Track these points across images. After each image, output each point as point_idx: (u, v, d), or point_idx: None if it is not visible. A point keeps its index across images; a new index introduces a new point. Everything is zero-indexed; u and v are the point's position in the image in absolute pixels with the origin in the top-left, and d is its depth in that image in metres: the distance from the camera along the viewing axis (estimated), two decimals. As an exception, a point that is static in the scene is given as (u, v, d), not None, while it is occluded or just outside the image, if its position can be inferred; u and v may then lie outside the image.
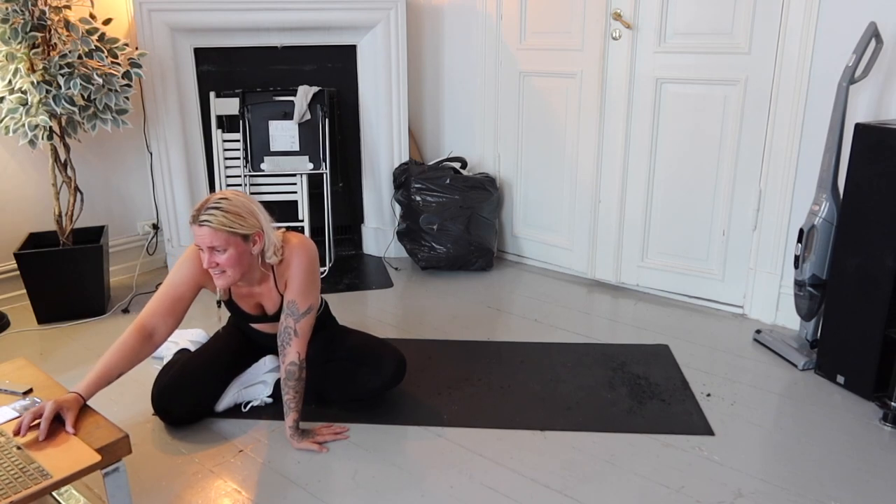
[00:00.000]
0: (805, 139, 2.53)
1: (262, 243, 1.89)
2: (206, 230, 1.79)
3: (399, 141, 3.49)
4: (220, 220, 1.79)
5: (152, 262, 3.42)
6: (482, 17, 3.38)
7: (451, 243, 3.28)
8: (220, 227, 1.79)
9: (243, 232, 1.83)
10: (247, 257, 1.87)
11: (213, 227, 1.79)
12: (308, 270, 1.96)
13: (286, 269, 1.96)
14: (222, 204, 1.81)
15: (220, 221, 1.79)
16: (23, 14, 2.50)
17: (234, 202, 1.83)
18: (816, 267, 2.35)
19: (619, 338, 2.66)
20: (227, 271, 1.85)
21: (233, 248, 1.82)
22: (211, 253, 1.82)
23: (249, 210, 1.86)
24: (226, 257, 1.82)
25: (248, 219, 1.84)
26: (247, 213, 1.84)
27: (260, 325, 2.15)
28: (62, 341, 2.66)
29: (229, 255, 1.82)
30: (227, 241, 1.81)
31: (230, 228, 1.80)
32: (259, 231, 1.87)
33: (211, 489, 1.79)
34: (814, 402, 2.21)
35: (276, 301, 2.02)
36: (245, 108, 3.22)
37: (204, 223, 1.79)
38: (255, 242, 1.87)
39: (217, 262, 1.83)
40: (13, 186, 2.94)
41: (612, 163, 3.06)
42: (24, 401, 1.54)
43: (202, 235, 1.80)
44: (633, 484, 1.80)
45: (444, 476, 1.83)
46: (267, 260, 1.92)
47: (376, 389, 2.14)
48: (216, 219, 1.79)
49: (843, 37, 2.35)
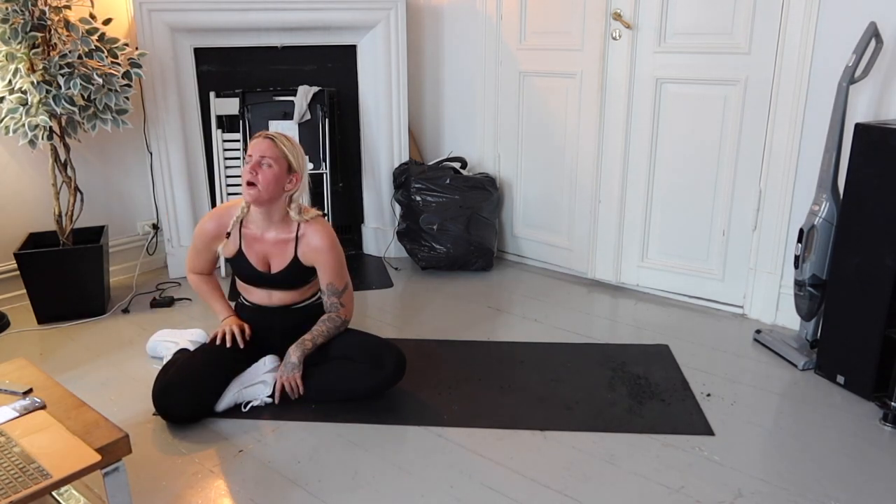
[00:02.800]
0: (805, 139, 2.53)
1: (297, 187, 2.13)
2: (268, 142, 2.08)
3: (399, 141, 3.49)
4: (283, 142, 2.10)
5: (152, 262, 3.42)
6: (482, 17, 3.38)
7: (451, 243, 3.27)
8: (281, 146, 2.09)
9: (293, 162, 2.10)
10: (280, 186, 2.09)
11: (274, 143, 2.08)
12: (338, 252, 2.19)
13: (310, 244, 2.16)
14: (289, 137, 2.15)
15: (282, 142, 2.10)
16: (23, 14, 2.50)
17: (296, 142, 2.17)
18: (816, 267, 2.35)
19: (619, 338, 2.66)
20: (259, 187, 2.05)
21: (277, 168, 2.07)
22: (258, 164, 2.05)
23: (303, 156, 2.17)
24: (268, 173, 2.05)
25: (300, 160, 2.14)
26: (301, 156, 2.15)
27: (260, 289, 2.23)
28: (62, 341, 2.66)
29: (271, 172, 2.06)
30: (276, 159, 2.07)
31: (285, 153, 2.09)
32: (299, 174, 2.13)
33: (211, 489, 1.79)
34: (814, 402, 2.21)
35: (285, 260, 2.17)
36: (245, 108, 3.22)
37: (270, 137, 2.09)
38: (292, 181, 2.11)
39: (258, 172, 2.05)
40: (13, 186, 2.94)
41: (612, 163, 3.06)
42: (24, 401, 1.54)
43: (260, 144, 2.07)
44: (633, 484, 1.80)
45: (444, 476, 1.83)
46: (291, 206, 2.14)
47: (376, 387, 2.15)
48: (280, 140, 2.10)
49: (843, 37, 2.35)
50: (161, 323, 2.81)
